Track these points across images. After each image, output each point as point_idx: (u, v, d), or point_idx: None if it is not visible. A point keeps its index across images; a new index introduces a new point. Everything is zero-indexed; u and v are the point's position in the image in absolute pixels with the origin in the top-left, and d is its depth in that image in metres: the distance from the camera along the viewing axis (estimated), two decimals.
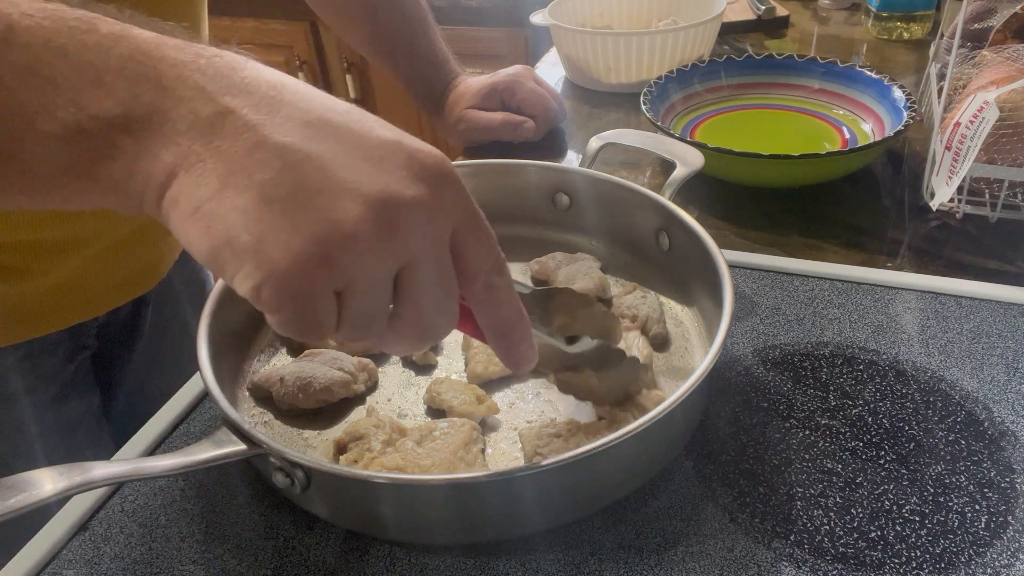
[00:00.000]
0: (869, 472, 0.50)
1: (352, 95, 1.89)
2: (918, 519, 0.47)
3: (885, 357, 0.59)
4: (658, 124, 0.83)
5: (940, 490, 0.48)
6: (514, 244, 0.62)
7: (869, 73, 0.88)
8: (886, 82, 0.86)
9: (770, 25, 1.23)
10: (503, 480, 0.45)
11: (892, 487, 0.49)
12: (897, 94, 0.83)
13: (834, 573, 0.44)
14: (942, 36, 0.87)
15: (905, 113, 0.80)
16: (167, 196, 0.32)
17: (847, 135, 0.86)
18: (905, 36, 1.16)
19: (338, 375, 0.56)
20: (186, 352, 0.52)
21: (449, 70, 0.95)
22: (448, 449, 0.49)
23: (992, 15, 0.77)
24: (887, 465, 0.50)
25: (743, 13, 1.24)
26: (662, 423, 0.45)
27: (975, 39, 0.76)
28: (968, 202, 0.71)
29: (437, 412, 0.55)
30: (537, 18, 1.07)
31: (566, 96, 1.06)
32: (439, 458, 0.49)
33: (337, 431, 0.54)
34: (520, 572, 0.46)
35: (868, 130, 0.86)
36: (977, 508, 0.47)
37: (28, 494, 0.39)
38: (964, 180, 0.68)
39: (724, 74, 0.96)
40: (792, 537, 0.46)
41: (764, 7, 1.22)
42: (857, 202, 0.79)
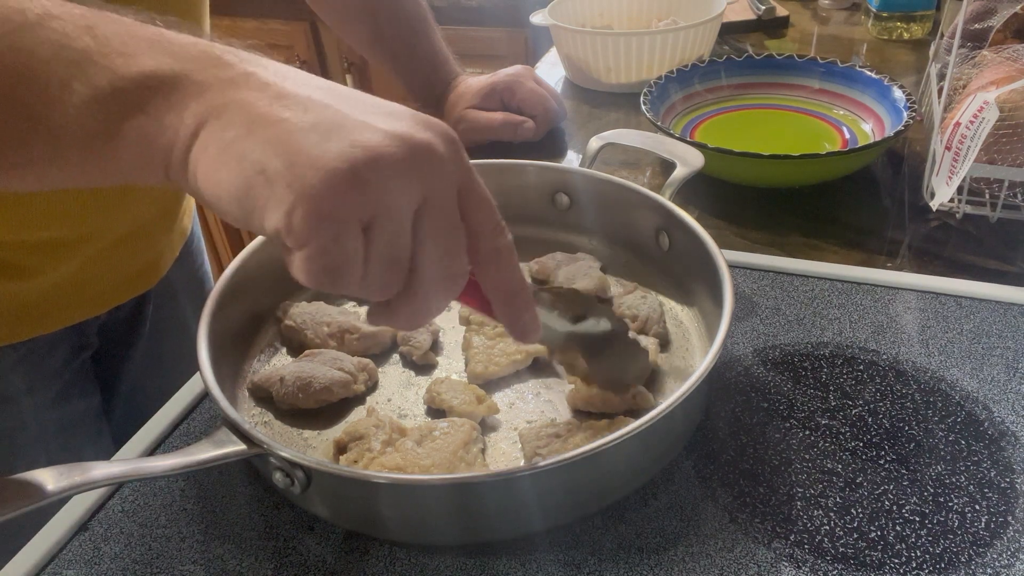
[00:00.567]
0: (869, 472, 0.50)
1: None
2: (918, 519, 0.47)
3: (885, 357, 0.59)
4: (658, 124, 0.83)
5: (940, 490, 0.48)
6: (514, 244, 0.62)
7: (869, 73, 0.88)
8: (886, 82, 0.86)
9: (770, 25, 1.23)
10: (503, 480, 0.45)
11: (892, 487, 0.49)
12: (897, 94, 0.83)
13: (834, 573, 0.44)
14: (942, 36, 0.87)
15: (905, 113, 0.80)
16: (196, 145, 0.34)
17: (847, 135, 0.86)
18: (905, 36, 1.16)
19: (338, 375, 0.56)
20: (186, 352, 0.52)
21: (449, 70, 0.95)
22: (448, 449, 0.49)
23: (992, 15, 0.77)
24: (887, 465, 0.50)
25: (743, 13, 1.24)
26: (662, 423, 0.45)
27: (975, 39, 0.76)
28: (968, 202, 0.71)
29: (437, 412, 0.55)
30: (537, 18, 1.07)
31: (566, 96, 1.06)
32: (439, 458, 0.49)
33: (337, 431, 0.54)
34: (520, 572, 0.46)
35: (868, 130, 0.86)
36: (977, 508, 0.47)
37: (28, 494, 0.39)
38: (964, 180, 0.68)
39: (724, 74, 0.96)
40: (792, 537, 0.46)
41: (764, 7, 1.22)
42: (857, 202, 0.79)
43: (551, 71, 1.15)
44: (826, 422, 0.53)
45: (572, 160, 0.91)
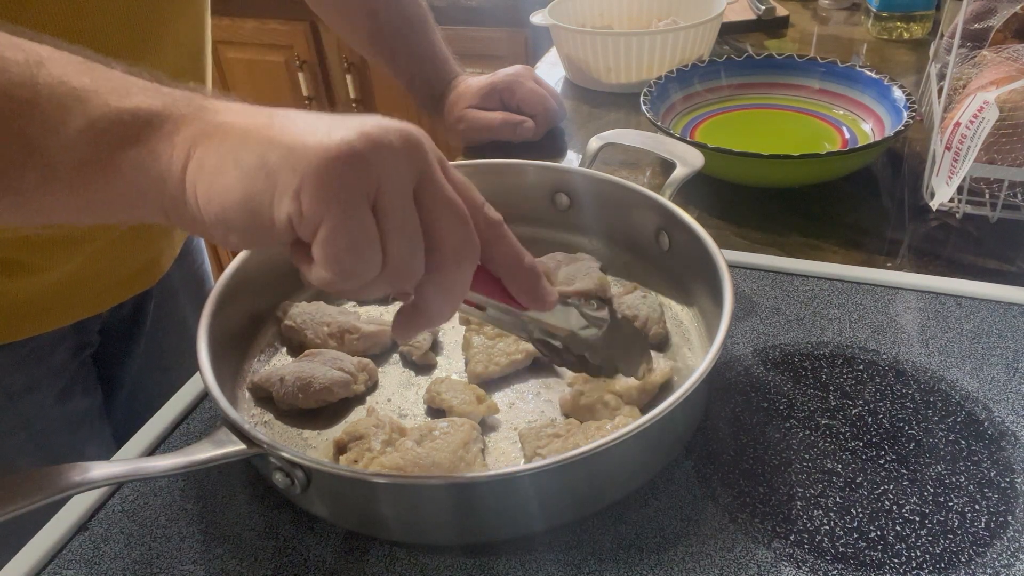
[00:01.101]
0: (869, 472, 0.50)
1: (352, 95, 1.89)
2: (918, 519, 0.47)
3: (885, 357, 0.59)
4: (658, 124, 0.83)
5: (940, 490, 0.48)
6: None
7: (869, 73, 0.88)
8: (886, 82, 0.86)
9: (770, 25, 1.23)
10: (503, 480, 0.45)
11: (892, 487, 0.49)
12: (897, 94, 0.83)
13: (834, 573, 0.44)
14: (942, 36, 0.87)
15: (905, 113, 0.80)
16: (190, 166, 0.35)
17: (847, 135, 0.86)
18: (905, 36, 1.16)
19: (338, 375, 0.56)
20: (186, 351, 0.52)
21: (449, 70, 0.95)
22: (448, 449, 0.49)
23: (992, 15, 0.77)
24: (887, 465, 0.50)
25: (743, 13, 1.24)
26: (662, 423, 0.45)
27: (975, 39, 0.76)
28: (968, 202, 0.71)
29: (437, 412, 0.55)
30: (537, 18, 1.07)
31: (566, 96, 1.06)
32: (439, 458, 0.49)
33: (337, 431, 0.54)
34: (520, 572, 0.46)
35: (868, 130, 0.86)
36: (977, 508, 0.47)
37: (29, 493, 0.39)
38: (964, 180, 0.68)
39: (724, 74, 0.96)
40: (792, 537, 0.46)
41: (764, 7, 1.22)
42: (857, 202, 0.79)
43: (551, 71, 1.15)
44: (826, 422, 0.53)
45: (572, 160, 0.91)
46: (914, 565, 0.44)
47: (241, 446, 0.45)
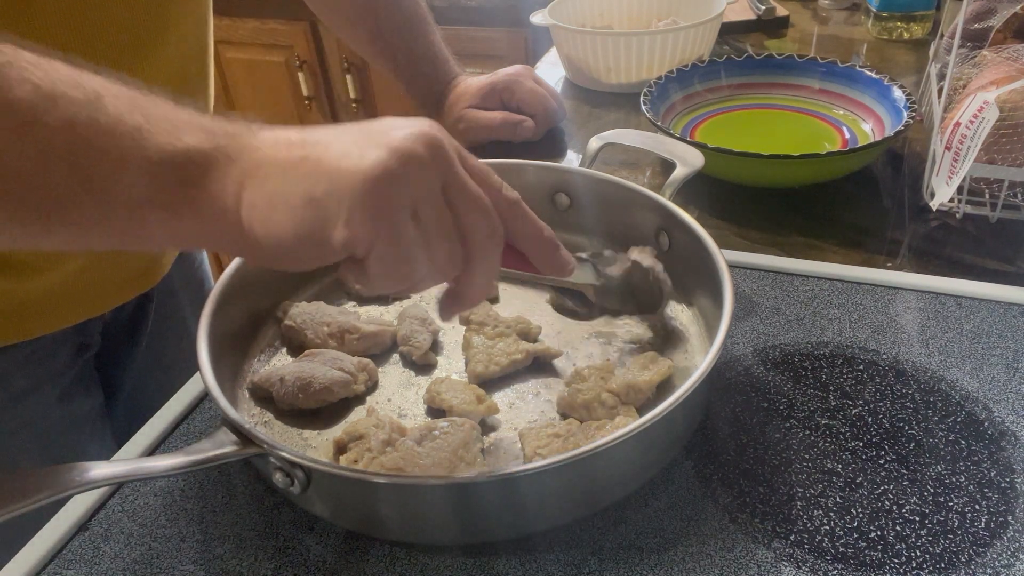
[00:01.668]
0: (869, 472, 0.50)
1: (352, 95, 1.89)
2: (918, 519, 0.47)
3: (885, 357, 0.59)
4: (658, 124, 0.83)
5: (940, 490, 0.48)
6: None
7: (869, 73, 0.88)
8: (886, 82, 0.86)
9: (770, 25, 1.23)
10: (503, 480, 0.45)
11: (892, 487, 0.49)
12: (897, 94, 0.83)
13: (834, 573, 0.44)
14: (942, 36, 0.87)
15: (905, 113, 0.80)
16: (243, 206, 0.38)
17: (847, 135, 0.86)
18: (905, 36, 1.16)
19: (338, 375, 0.56)
20: (186, 351, 0.52)
21: (449, 70, 0.95)
22: (448, 449, 0.49)
23: (992, 15, 0.77)
24: (887, 465, 0.50)
25: (743, 13, 1.24)
26: (662, 423, 0.45)
27: (975, 39, 0.76)
28: (968, 202, 0.71)
29: (437, 412, 0.55)
30: (537, 18, 1.07)
31: (566, 96, 1.06)
32: (439, 458, 0.49)
33: (337, 431, 0.54)
34: (520, 572, 0.46)
35: (868, 130, 0.86)
36: (977, 508, 0.47)
37: (28, 494, 0.39)
38: (964, 180, 0.68)
39: (724, 74, 0.96)
40: (792, 537, 0.46)
41: (764, 7, 1.22)
42: (857, 202, 0.79)
43: (551, 71, 1.15)
44: (826, 422, 0.54)
45: (572, 160, 0.91)
46: (914, 565, 0.44)
47: (241, 446, 0.45)
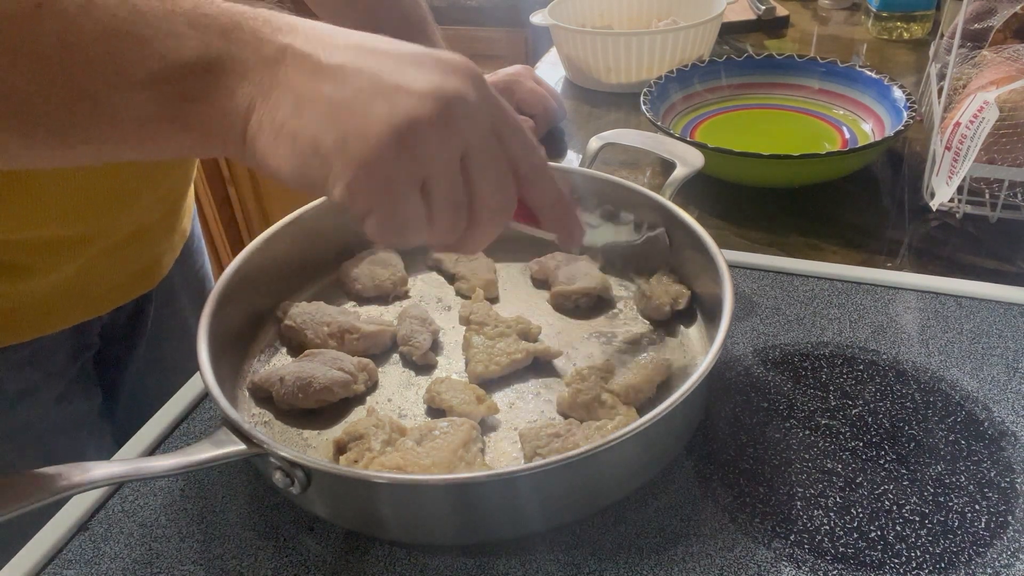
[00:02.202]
0: (869, 472, 0.50)
1: None
2: (918, 519, 0.47)
3: (885, 357, 0.59)
4: (658, 124, 0.83)
5: (940, 490, 0.48)
6: (514, 244, 0.62)
7: (869, 73, 0.88)
8: (886, 82, 0.86)
9: (770, 25, 1.23)
10: (503, 480, 0.45)
11: (892, 487, 0.49)
12: (897, 94, 0.83)
13: (834, 573, 0.44)
14: (942, 36, 0.87)
15: (905, 113, 0.80)
16: (250, 127, 0.37)
17: (847, 135, 0.86)
18: (905, 36, 1.16)
19: (338, 375, 0.56)
20: (186, 352, 0.52)
21: None
22: (448, 449, 0.49)
23: (992, 15, 0.77)
24: (887, 465, 0.50)
25: (743, 13, 1.24)
26: (662, 423, 0.45)
27: (975, 39, 0.76)
28: (968, 202, 0.71)
29: (437, 412, 0.55)
30: (537, 18, 1.07)
31: (566, 96, 1.06)
32: (439, 458, 0.49)
33: (337, 431, 0.54)
34: (520, 572, 0.46)
35: (868, 130, 0.86)
36: (977, 508, 0.47)
37: (28, 494, 0.39)
38: (964, 180, 0.68)
39: (724, 74, 0.96)
40: (792, 537, 0.46)
41: (764, 7, 1.23)
42: (857, 202, 0.79)
43: (551, 71, 1.15)
44: (826, 422, 0.53)
45: (572, 160, 0.91)
46: (914, 565, 0.44)
47: (241, 446, 0.45)
